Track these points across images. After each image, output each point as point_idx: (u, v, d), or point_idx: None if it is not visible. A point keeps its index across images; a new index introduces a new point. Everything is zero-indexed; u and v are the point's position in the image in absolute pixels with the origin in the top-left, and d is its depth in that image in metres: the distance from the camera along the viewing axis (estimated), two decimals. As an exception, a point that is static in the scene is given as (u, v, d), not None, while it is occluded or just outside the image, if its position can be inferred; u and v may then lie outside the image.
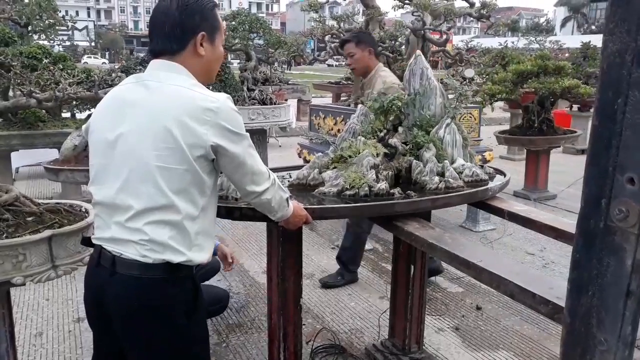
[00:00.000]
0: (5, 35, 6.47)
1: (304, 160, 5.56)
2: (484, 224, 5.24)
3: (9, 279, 1.97)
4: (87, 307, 1.71)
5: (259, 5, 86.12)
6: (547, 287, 1.45)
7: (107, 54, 55.94)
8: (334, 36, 6.93)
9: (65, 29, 12.30)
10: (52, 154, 5.64)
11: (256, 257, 4.48)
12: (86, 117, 5.38)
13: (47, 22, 10.29)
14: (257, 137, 5.97)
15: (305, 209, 1.94)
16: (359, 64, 3.77)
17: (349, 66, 3.95)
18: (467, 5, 6.43)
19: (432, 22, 6.03)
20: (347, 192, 2.18)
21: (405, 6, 6.59)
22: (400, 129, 2.51)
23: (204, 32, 1.62)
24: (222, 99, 1.54)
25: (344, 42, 3.89)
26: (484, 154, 5.53)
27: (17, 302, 3.57)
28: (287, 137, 10.44)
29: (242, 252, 4.63)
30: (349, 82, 11.20)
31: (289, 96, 11.89)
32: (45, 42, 10.03)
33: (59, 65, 5.63)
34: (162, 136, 1.48)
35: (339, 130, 4.95)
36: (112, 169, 1.56)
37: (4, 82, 5.20)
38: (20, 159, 6.92)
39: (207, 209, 1.61)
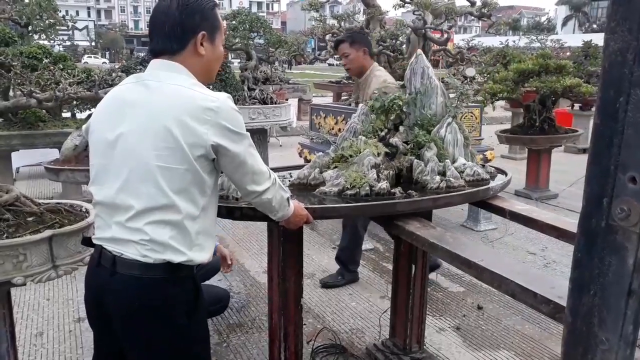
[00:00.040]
0: (5, 35, 6.47)
1: (305, 159, 5.56)
2: (485, 224, 5.23)
3: (10, 279, 1.98)
4: (87, 307, 1.71)
5: (260, 4, 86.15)
6: (548, 286, 1.45)
7: (107, 53, 56.01)
8: (335, 35, 6.94)
9: (65, 28, 12.32)
10: (52, 154, 5.65)
11: (257, 257, 4.48)
12: (86, 117, 5.39)
13: (47, 22, 10.30)
14: (257, 137, 5.97)
15: (306, 208, 1.94)
16: (354, 64, 3.75)
17: (344, 67, 3.93)
18: (468, 4, 6.42)
19: (433, 21, 6.03)
20: (348, 192, 2.18)
21: (406, 5, 6.59)
22: (401, 128, 2.51)
23: (204, 32, 1.61)
24: (222, 99, 1.54)
25: (338, 43, 3.86)
26: (485, 153, 5.52)
27: (17, 302, 3.57)
28: (288, 137, 10.44)
29: (243, 252, 4.63)
30: (350, 81, 11.18)
31: (290, 95, 11.89)
32: (45, 42, 10.04)
33: (59, 65, 5.64)
34: (163, 136, 1.48)
35: (340, 129, 4.95)
36: (112, 169, 1.56)
37: (5, 82, 5.20)
38: (20, 159, 6.93)
39: (207, 208, 1.61)
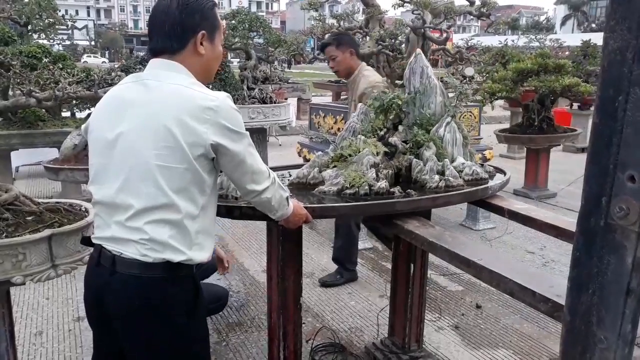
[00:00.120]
0: (5, 34, 6.47)
1: (304, 159, 5.56)
2: (484, 223, 5.24)
3: (9, 279, 1.98)
4: (87, 306, 1.71)
5: (259, 4, 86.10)
6: (547, 285, 1.45)
7: (106, 53, 55.98)
8: (334, 35, 6.92)
9: (65, 28, 12.31)
10: (52, 153, 5.64)
11: (256, 256, 4.48)
12: (86, 116, 5.38)
13: (46, 21, 10.30)
14: (257, 136, 5.97)
15: (305, 207, 1.94)
16: (342, 66, 3.72)
17: (331, 69, 3.89)
18: (467, 3, 6.42)
19: (432, 21, 6.03)
20: (347, 191, 2.18)
21: (405, 4, 6.58)
22: (400, 128, 2.51)
23: (204, 31, 1.62)
24: (221, 98, 1.54)
25: (324, 46, 3.81)
26: (484, 153, 5.53)
27: (17, 301, 3.57)
28: (287, 136, 10.44)
29: (242, 251, 4.63)
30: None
31: (289, 95, 11.88)
32: (44, 42, 10.04)
33: (59, 64, 5.64)
34: (162, 135, 1.48)
35: (339, 128, 4.95)
36: (111, 168, 1.56)
37: (4, 81, 5.20)
38: (20, 158, 6.93)
39: (207, 208, 1.61)
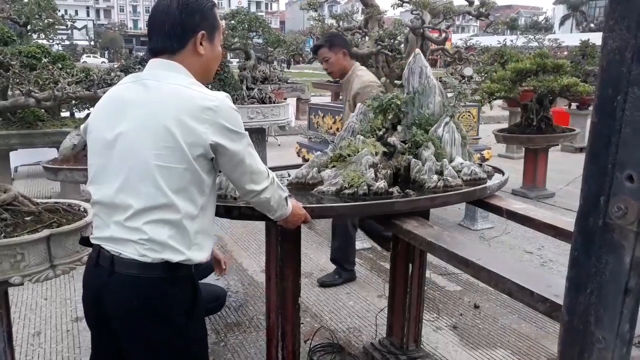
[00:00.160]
0: (4, 34, 6.46)
1: (303, 159, 5.56)
2: (483, 223, 5.24)
3: (7, 279, 1.97)
4: (85, 307, 1.70)
5: (258, 4, 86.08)
6: (545, 285, 1.45)
7: (106, 53, 55.94)
8: (333, 35, 6.91)
9: (64, 28, 12.29)
10: (51, 153, 5.64)
11: (255, 256, 4.48)
12: (85, 116, 5.38)
13: (46, 21, 10.29)
14: (256, 136, 5.97)
15: (304, 208, 1.94)
16: (335, 67, 3.74)
17: (325, 70, 3.88)
18: (466, 3, 6.41)
19: (431, 21, 6.02)
20: (346, 191, 2.18)
21: (404, 4, 6.58)
22: (399, 128, 2.51)
23: (204, 31, 1.62)
24: (221, 98, 1.54)
25: (317, 48, 3.82)
26: (482, 153, 5.54)
27: (15, 301, 3.56)
28: (286, 136, 10.44)
29: (241, 251, 4.63)
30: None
31: (288, 95, 11.88)
32: (44, 42, 10.03)
33: (58, 64, 5.63)
34: (162, 135, 1.48)
35: (338, 128, 4.95)
36: (111, 168, 1.55)
37: (3, 81, 5.19)
38: (19, 158, 6.92)
39: (206, 208, 1.61)
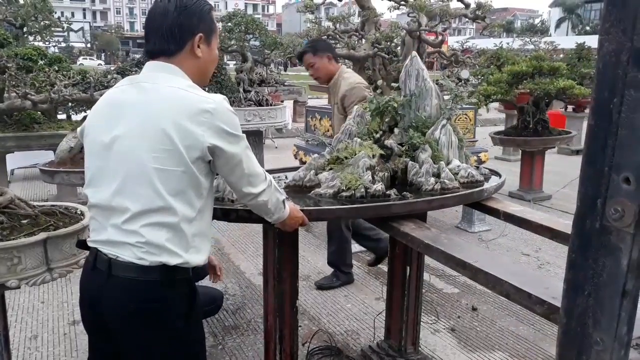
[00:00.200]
0: (0, 36, 6.45)
1: (300, 161, 5.57)
2: (480, 225, 5.25)
3: (4, 282, 1.97)
4: (82, 310, 1.70)
5: (255, 6, 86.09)
6: (542, 287, 1.45)
7: (102, 55, 55.93)
8: (330, 37, 6.93)
9: (60, 30, 12.27)
10: (47, 156, 5.62)
11: (252, 259, 4.47)
12: (82, 119, 5.37)
13: (42, 23, 10.28)
14: (253, 139, 5.97)
15: (301, 210, 1.94)
16: (321, 72, 3.72)
17: (311, 76, 3.87)
18: (463, 6, 6.44)
19: (428, 23, 6.05)
20: (344, 194, 2.18)
21: (400, 7, 6.60)
22: (396, 130, 2.51)
23: (201, 34, 1.62)
24: (218, 100, 1.54)
25: (301, 55, 3.81)
26: (479, 155, 5.56)
27: (12, 305, 3.55)
28: (283, 139, 10.45)
29: (238, 254, 4.63)
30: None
31: (285, 97, 11.90)
32: (40, 44, 10.02)
33: (55, 66, 5.63)
34: (159, 138, 1.48)
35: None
36: (108, 171, 1.55)
37: (-1, 83, 5.19)
38: (15, 161, 6.90)
39: (203, 210, 1.61)
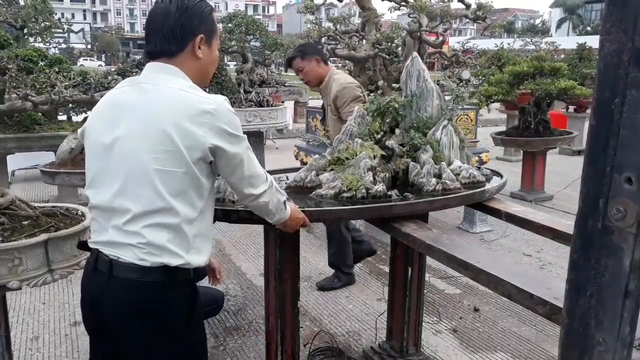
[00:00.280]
0: (0, 37, 6.47)
1: (301, 162, 5.57)
2: (481, 226, 5.24)
3: (5, 283, 1.97)
4: (83, 311, 1.69)
5: (255, 7, 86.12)
6: (545, 287, 1.45)
7: (103, 56, 55.99)
8: (331, 38, 6.94)
9: (61, 31, 12.29)
10: (48, 157, 5.63)
11: (253, 260, 4.47)
12: (82, 120, 5.37)
13: (42, 24, 10.30)
14: (254, 139, 5.97)
15: (302, 211, 1.94)
16: (311, 76, 3.72)
17: (302, 81, 3.87)
18: (463, 6, 6.44)
19: (429, 24, 6.04)
20: (345, 194, 2.18)
21: (401, 8, 6.60)
22: (397, 131, 2.51)
23: (202, 35, 1.61)
24: (219, 101, 1.54)
25: (290, 61, 3.82)
26: (480, 156, 5.55)
27: (13, 306, 3.55)
28: (284, 139, 10.45)
29: (239, 255, 4.63)
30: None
31: (286, 98, 11.92)
32: (41, 45, 10.04)
33: (55, 68, 5.64)
34: (160, 139, 1.48)
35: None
36: (109, 172, 1.55)
37: (0, 85, 5.19)
38: (16, 162, 6.91)
39: (205, 211, 1.61)
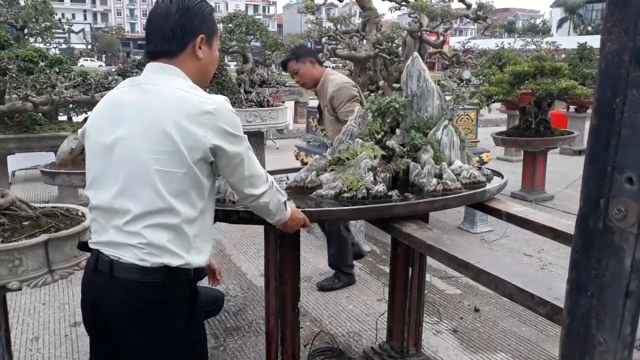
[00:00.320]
0: (1, 38, 6.47)
1: (302, 162, 5.56)
2: (482, 226, 5.23)
3: (5, 284, 1.97)
4: (84, 312, 1.69)
5: (256, 7, 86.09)
6: (545, 287, 1.45)
7: (103, 56, 56.02)
8: (331, 38, 6.93)
9: (61, 31, 12.31)
10: (48, 157, 5.63)
11: (253, 260, 4.47)
12: (83, 120, 5.38)
13: (43, 25, 10.31)
14: (254, 140, 5.97)
15: (302, 211, 1.94)
16: (306, 78, 3.74)
17: (298, 83, 3.89)
18: (464, 6, 6.43)
19: (429, 24, 6.04)
20: (345, 195, 2.18)
21: (402, 8, 6.60)
22: (397, 131, 2.51)
23: (203, 35, 1.61)
24: (219, 101, 1.54)
25: (284, 64, 3.84)
26: (481, 156, 5.55)
27: (13, 306, 3.55)
28: (285, 140, 10.45)
29: (240, 255, 4.62)
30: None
31: (286, 98, 11.91)
32: (41, 45, 10.05)
33: (55, 68, 5.64)
34: (161, 139, 1.47)
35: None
36: (109, 173, 1.55)
37: (0, 85, 5.20)
38: (16, 163, 6.91)
39: (205, 212, 1.61)
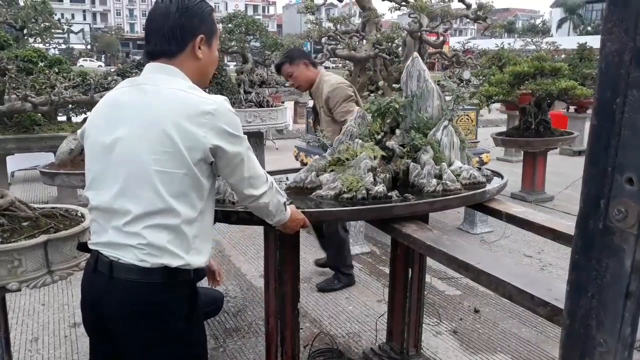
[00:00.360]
0: (0, 38, 6.47)
1: (301, 163, 5.56)
2: (482, 226, 5.23)
3: (5, 285, 1.96)
4: (83, 313, 1.69)
5: (255, 7, 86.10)
6: (545, 288, 1.44)
7: (103, 57, 56.02)
8: (331, 38, 6.93)
9: (60, 32, 12.32)
10: (47, 158, 5.62)
11: (253, 261, 4.46)
12: (82, 120, 5.37)
13: (42, 25, 10.32)
14: (254, 140, 5.97)
15: (302, 212, 1.93)
16: (301, 80, 3.74)
17: (292, 87, 3.89)
18: (464, 6, 6.44)
19: (429, 24, 6.04)
20: (345, 195, 2.18)
21: (401, 8, 6.60)
22: (397, 132, 2.51)
23: (202, 35, 1.61)
24: (219, 101, 1.54)
25: (278, 68, 3.84)
26: (481, 156, 5.54)
27: (12, 307, 3.55)
28: (284, 140, 10.46)
29: (239, 256, 4.62)
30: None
31: (286, 98, 11.92)
32: (40, 46, 10.05)
33: (55, 68, 5.64)
34: (161, 140, 1.47)
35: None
36: (109, 173, 1.54)
37: (0, 85, 5.19)
38: (15, 163, 6.90)
39: (205, 212, 1.60)
